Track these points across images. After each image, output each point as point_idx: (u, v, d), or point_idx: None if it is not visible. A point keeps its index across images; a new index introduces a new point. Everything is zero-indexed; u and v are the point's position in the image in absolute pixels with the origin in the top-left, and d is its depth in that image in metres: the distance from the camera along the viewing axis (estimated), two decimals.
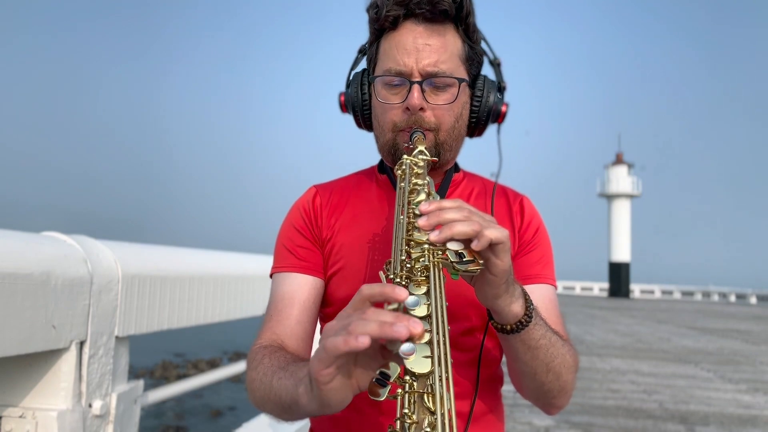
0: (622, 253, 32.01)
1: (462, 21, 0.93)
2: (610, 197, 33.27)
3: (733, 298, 28.86)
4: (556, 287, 1.01)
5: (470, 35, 0.96)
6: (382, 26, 0.94)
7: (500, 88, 1.04)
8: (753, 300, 27.73)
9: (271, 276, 1.02)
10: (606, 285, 32.08)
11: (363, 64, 1.06)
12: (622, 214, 32.80)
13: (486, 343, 0.95)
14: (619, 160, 33.51)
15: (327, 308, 1.01)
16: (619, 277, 31.33)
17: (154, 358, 11.80)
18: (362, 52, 1.05)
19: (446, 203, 0.70)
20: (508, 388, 0.98)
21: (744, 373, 6.65)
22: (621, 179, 32.87)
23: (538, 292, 0.96)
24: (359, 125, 1.06)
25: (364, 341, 0.54)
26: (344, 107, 1.06)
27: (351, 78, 1.05)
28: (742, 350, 8.82)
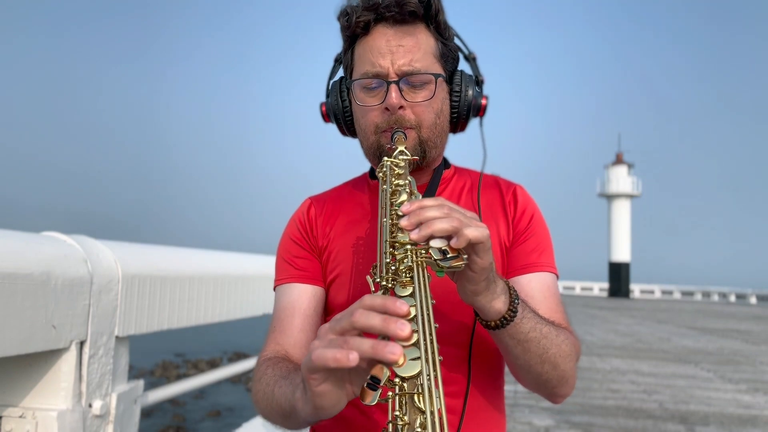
0: (622, 253, 32.00)
1: (432, 19, 0.94)
2: (610, 197, 33.27)
3: (733, 298, 28.84)
4: (556, 274, 1.00)
5: (442, 32, 0.97)
6: (354, 32, 0.95)
7: (478, 82, 1.05)
8: (753, 300, 27.71)
9: (274, 290, 1.04)
10: (606, 285, 32.07)
11: (340, 73, 1.06)
12: (622, 214, 32.79)
13: (486, 338, 0.95)
14: (619, 160, 33.50)
15: (329, 315, 1.02)
16: (619, 277, 31.32)
17: (154, 358, 11.79)
18: (338, 61, 1.06)
19: (427, 202, 0.70)
20: (508, 388, 0.98)
21: (744, 373, 6.65)
22: (621, 179, 32.86)
23: (536, 281, 0.96)
24: (343, 133, 1.07)
25: (353, 358, 0.54)
26: (326, 117, 1.07)
27: (330, 87, 1.06)
28: (742, 350, 8.81)
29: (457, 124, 1.04)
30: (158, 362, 11.55)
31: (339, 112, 1.04)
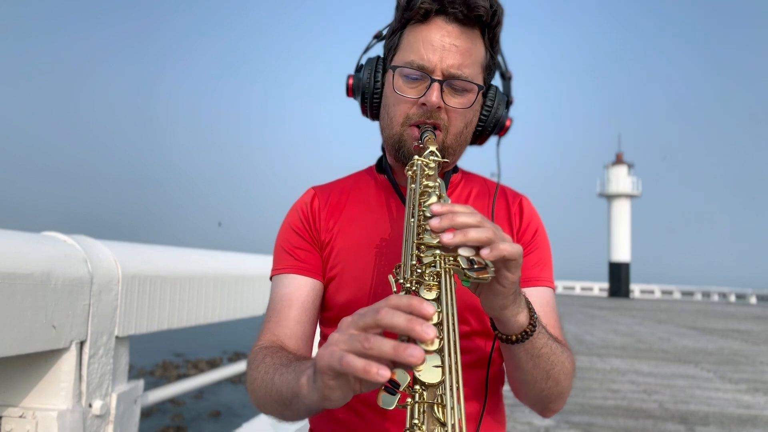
0: (622, 253, 32.00)
1: (491, 30, 0.93)
2: (610, 197, 33.28)
3: (733, 298, 28.86)
4: (554, 289, 1.00)
5: (493, 45, 0.95)
6: (411, 17, 0.92)
7: (508, 103, 1.03)
8: (753, 300, 27.73)
9: (270, 279, 1.02)
10: (606, 285, 32.08)
11: (375, 50, 1.04)
12: (622, 214, 32.80)
13: (486, 346, 0.95)
14: (619, 160, 33.52)
15: (326, 312, 1.01)
16: (619, 277, 31.32)
17: (154, 358, 11.79)
18: (378, 37, 1.03)
19: (458, 207, 0.69)
20: (508, 388, 0.98)
21: (744, 373, 6.65)
22: (621, 179, 32.87)
23: (536, 295, 0.96)
24: (365, 112, 1.04)
25: (384, 375, 0.54)
26: (351, 91, 1.04)
27: (364, 63, 1.03)
28: (742, 350, 8.81)
29: (479, 137, 1.03)
30: (158, 362, 11.54)
31: (368, 90, 1.00)
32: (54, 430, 1.23)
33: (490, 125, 1.01)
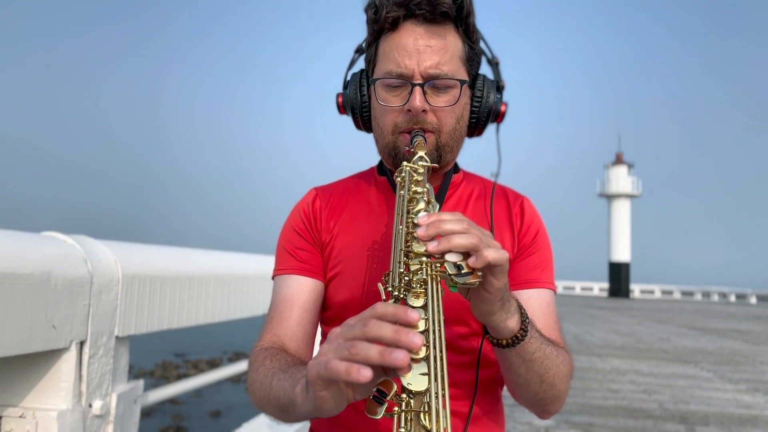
0: (622, 253, 32.00)
1: (462, 21, 0.93)
2: (610, 197, 33.28)
3: (733, 298, 28.86)
4: (555, 291, 1.00)
5: (470, 35, 0.95)
6: (381, 27, 0.93)
7: (499, 88, 1.03)
8: (753, 300, 27.74)
9: (272, 279, 1.02)
10: (606, 285, 32.07)
11: (360, 64, 1.05)
12: (622, 214, 32.81)
13: (485, 346, 0.95)
14: (619, 160, 33.52)
15: (326, 312, 1.01)
16: (619, 277, 31.32)
17: (154, 358, 11.79)
18: (359, 51, 1.04)
19: (445, 215, 0.69)
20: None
21: (744, 373, 6.65)
22: (621, 179, 32.87)
23: (536, 297, 0.96)
24: (358, 127, 1.05)
25: (366, 375, 0.54)
26: (342, 108, 1.05)
27: (349, 79, 1.04)
28: (742, 350, 8.81)
29: (475, 128, 1.02)
30: (158, 362, 11.55)
31: (357, 105, 1.01)
32: (54, 430, 1.23)
33: (484, 114, 1.00)
